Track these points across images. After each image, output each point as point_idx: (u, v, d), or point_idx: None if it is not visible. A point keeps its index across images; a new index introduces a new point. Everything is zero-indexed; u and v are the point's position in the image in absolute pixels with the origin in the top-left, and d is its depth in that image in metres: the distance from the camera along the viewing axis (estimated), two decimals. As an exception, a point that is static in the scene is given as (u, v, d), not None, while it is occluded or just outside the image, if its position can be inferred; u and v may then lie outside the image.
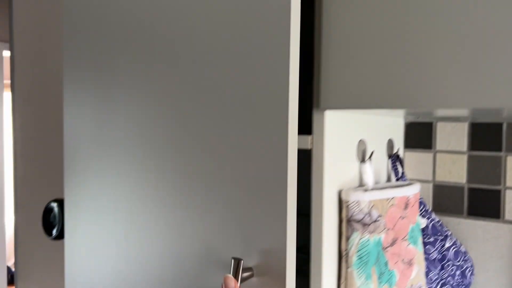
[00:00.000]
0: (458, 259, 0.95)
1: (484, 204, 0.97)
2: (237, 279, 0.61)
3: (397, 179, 0.95)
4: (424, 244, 0.93)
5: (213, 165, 0.69)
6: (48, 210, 1.15)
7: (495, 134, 0.95)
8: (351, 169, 0.84)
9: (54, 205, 1.14)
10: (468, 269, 0.96)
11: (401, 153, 1.03)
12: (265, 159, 0.63)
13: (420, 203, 0.94)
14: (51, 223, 1.15)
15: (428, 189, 1.03)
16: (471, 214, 0.98)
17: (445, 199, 1.01)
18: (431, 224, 0.95)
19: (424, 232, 0.94)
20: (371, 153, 0.86)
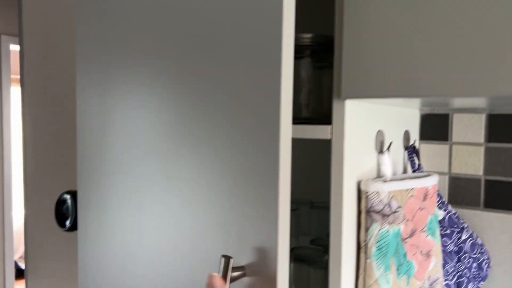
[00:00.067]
0: (475, 251, 0.94)
1: (501, 196, 0.96)
2: (226, 278, 0.58)
3: (414, 171, 0.94)
4: (441, 236, 0.92)
5: (203, 161, 0.68)
6: (61, 202, 1.15)
7: (513, 126, 0.95)
8: (369, 160, 0.83)
9: (67, 197, 1.14)
10: (484, 261, 0.96)
11: (417, 145, 1.02)
12: (257, 155, 0.61)
13: (436, 195, 0.94)
14: (64, 214, 1.15)
15: (444, 181, 1.02)
16: (487, 207, 0.98)
17: (461, 191, 1.00)
18: (447, 216, 0.94)
19: (440, 224, 0.93)
20: (389, 144, 0.86)
